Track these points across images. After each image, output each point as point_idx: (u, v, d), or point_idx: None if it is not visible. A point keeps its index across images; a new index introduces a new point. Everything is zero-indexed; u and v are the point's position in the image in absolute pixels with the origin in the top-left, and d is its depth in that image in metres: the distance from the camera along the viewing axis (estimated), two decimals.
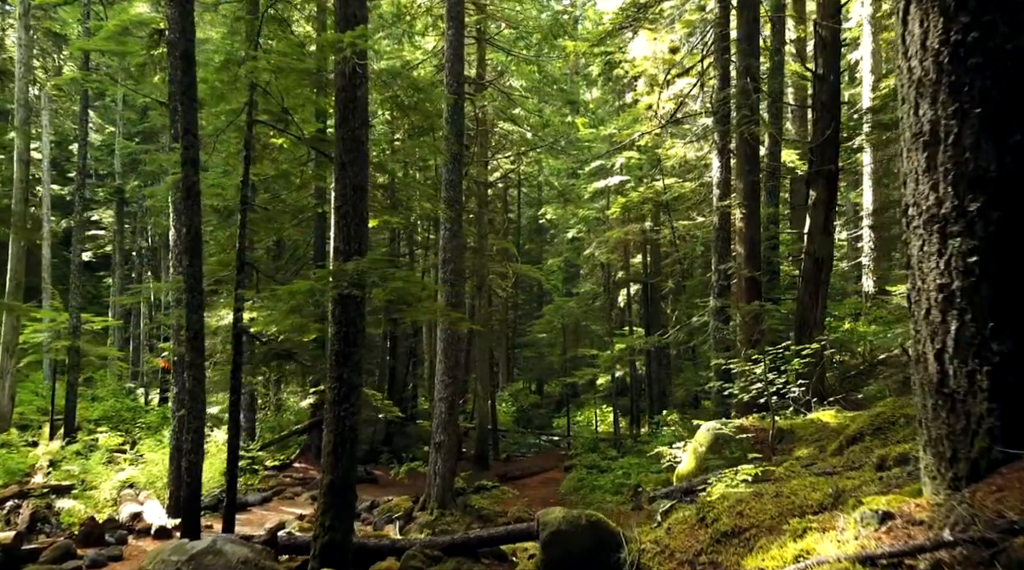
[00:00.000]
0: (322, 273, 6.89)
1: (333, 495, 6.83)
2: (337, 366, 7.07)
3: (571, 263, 33.18)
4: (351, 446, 7.00)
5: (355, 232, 7.18)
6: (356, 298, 6.86)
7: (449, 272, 14.28)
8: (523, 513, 14.77)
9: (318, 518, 6.82)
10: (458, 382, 14.70)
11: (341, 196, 7.21)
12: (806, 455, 7.46)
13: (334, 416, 7.01)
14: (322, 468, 7.01)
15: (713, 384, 10.78)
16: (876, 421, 5.83)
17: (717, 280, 12.99)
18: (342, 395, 7.04)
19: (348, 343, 7.09)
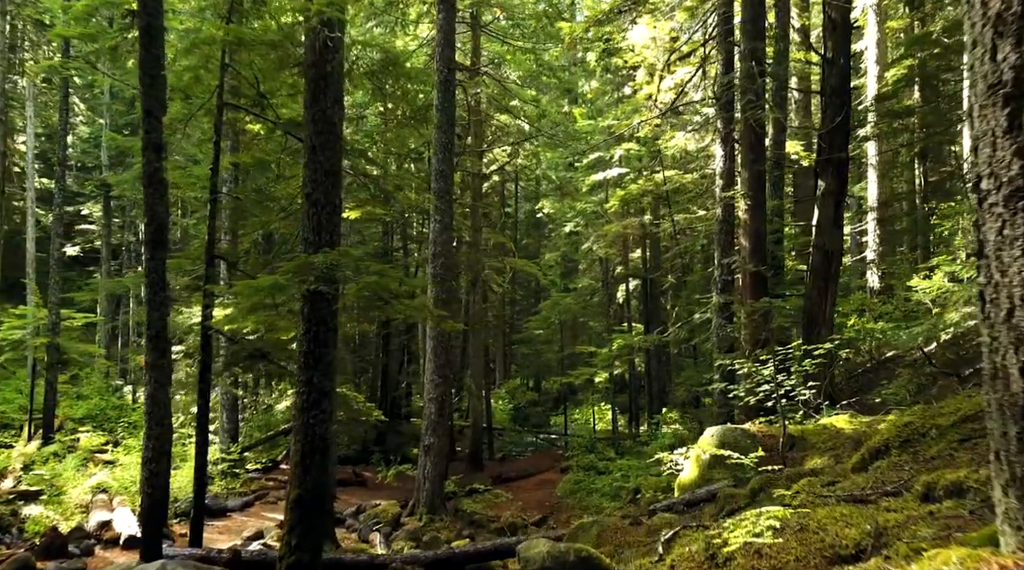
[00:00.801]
0: (287, 267, 6.26)
1: (301, 511, 6.20)
2: (306, 368, 6.44)
3: (569, 258, 32.52)
4: (322, 457, 6.37)
5: (326, 221, 6.54)
6: (326, 294, 6.22)
7: (439, 266, 13.64)
8: (517, 519, 14.15)
9: (284, 536, 6.20)
10: (449, 381, 14.07)
11: (311, 182, 6.56)
12: (821, 466, 6.83)
13: (303, 424, 6.37)
14: (289, 481, 6.38)
15: (716, 385, 10.17)
16: (904, 432, 5.20)
17: (720, 275, 12.36)
18: (312, 401, 6.40)
19: (318, 343, 6.45)
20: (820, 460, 7.02)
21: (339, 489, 16.56)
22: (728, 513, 6.43)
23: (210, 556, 7.69)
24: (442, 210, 13.71)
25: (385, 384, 25.19)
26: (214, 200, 8.53)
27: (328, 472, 6.46)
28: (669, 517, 6.93)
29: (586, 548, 5.24)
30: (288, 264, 6.21)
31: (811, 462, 7.12)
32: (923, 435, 5.08)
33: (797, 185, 22.56)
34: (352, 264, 6.34)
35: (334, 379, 6.61)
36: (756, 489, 6.45)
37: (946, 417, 5.07)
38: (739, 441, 7.91)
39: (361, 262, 6.42)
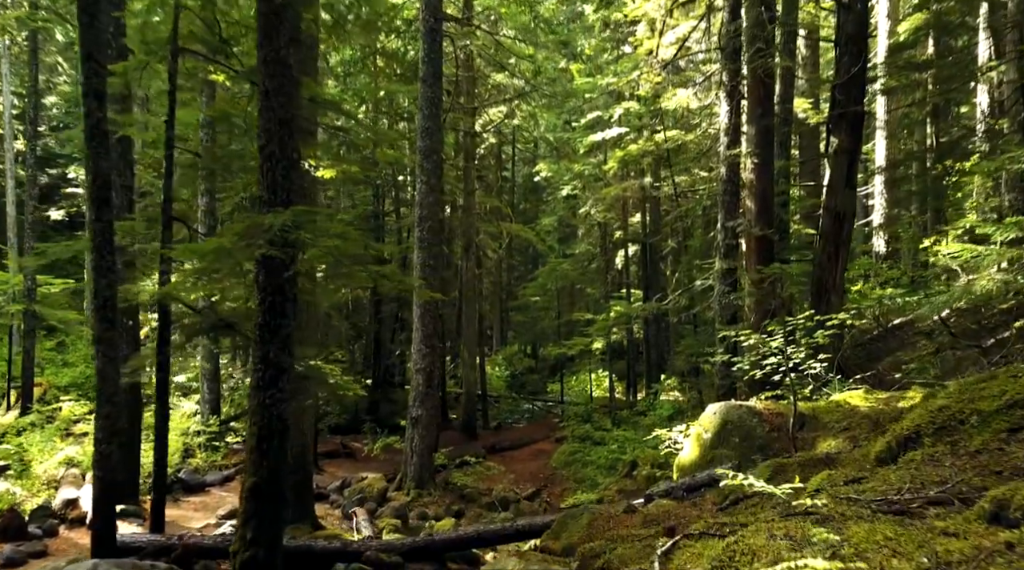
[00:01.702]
0: (233, 229, 5.51)
1: (257, 501, 5.55)
2: (262, 343, 5.73)
3: (566, 223, 31.68)
4: (280, 441, 5.70)
5: (282, 178, 5.77)
6: (282, 260, 5.49)
7: (426, 230, 12.88)
8: (509, 492, 13.65)
9: (238, 529, 5.57)
10: (436, 351, 13.43)
11: (265, 132, 5.78)
12: (836, 449, 6.17)
13: (259, 404, 5.69)
14: (244, 467, 5.73)
15: (718, 356, 9.51)
16: (938, 418, 4.51)
17: (724, 239, 11.60)
18: (268, 378, 5.71)
19: (275, 314, 5.74)
20: (834, 442, 6.36)
21: (326, 461, 16.05)
22: (733, 502, 5.80)
23: (169, 543, 7.09)
24: (428, 170, 12.91)
25: (378, 352, 24.60)
26: (169, 157, 7.74)
27: (286, 458, 5.80)
28: (667, 504, 6.30)
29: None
30: (234, 225, 5.47)
31: (824, 443, 6.46)
32: (961, 422, 4.39)
33: (803, 145, 21.66)
34: (311, 225, 5.60)
35: (294, 353, 5.91)
36: (765, 477, 5.79)
37: (988, 401, 4.38)
38: (744, 420, 7.26)
39: (322, 223, 5.66)
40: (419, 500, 12.65)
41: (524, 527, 6.99)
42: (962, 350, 9.26)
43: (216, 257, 5.39)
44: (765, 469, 5.87)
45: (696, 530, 4.40)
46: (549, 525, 6.76)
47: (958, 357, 9.49)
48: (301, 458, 10.10)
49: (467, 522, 12.35)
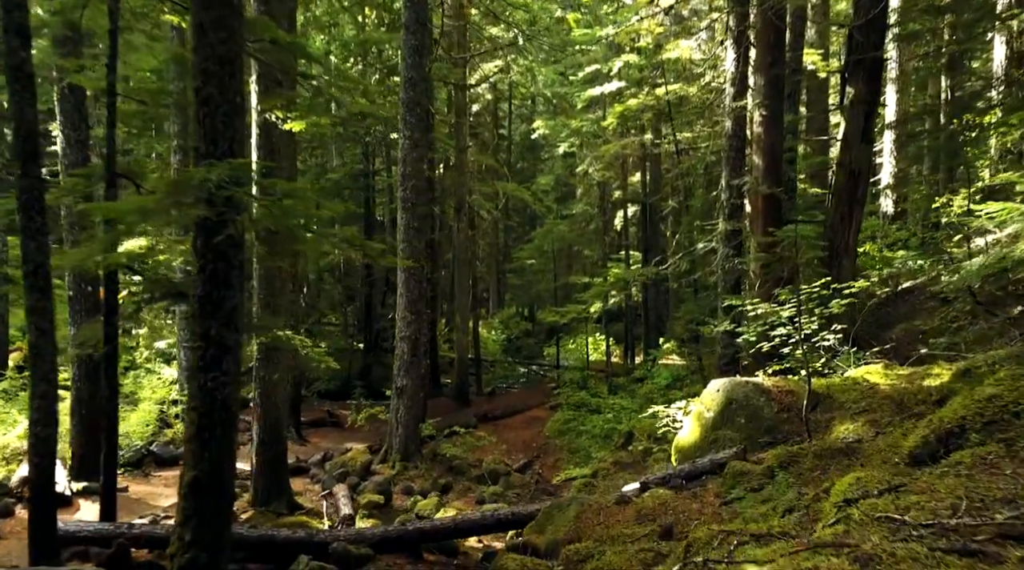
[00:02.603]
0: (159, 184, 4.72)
1: (197, 498, 4.88)
2: (202, 317, 4.99)
3: (564, 182, 30.72)
4: (224, 430, 5.01)
5: (223, 126, 4.97)
6: (224, 222, 4.71)
7: (410, 190, 12.05)
8: (499, 464, 13.08)
9: (175, 529, 4.91)
10: (422, 318, 12.72)
11: (202, 73, 4.95)
12: (855, 435, 5.49)
13: (199, 388, 4.98)
14: (184, 460, 5.05)
15: (721, 326, 8.80)
16: (987, 409, 3.81)
17: (728, 198, 10.80)
18: (210, 358, 4.99)
19: (216, 284, 4.99)
20: (852, 426, 5.68)
21: (311, 431, 15.49)
22: (738, 496, 5.13)
23: (118, 531, 6.47)
24: (412, 124, 12.02)
25: (369, 315, 23.94)
26: (111, 105, 6.90)
27: (232, 448, 5.11)
28: (664, 495, 5.64)
29: None
30: (160, 180, 4.68)
31: (841, 427, 5.78)
32: (1017, 415, 3.68)
33: (811, 100, 20.66)
34: (251, 182, 4.81)
35: (240, 330, 5.18)
36: (774, 467, 5.12)
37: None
38: (750, 398, 6.57)
39: (267, 180, 4.88)
40: (404, 473, 12.08)
41: (506, 517, 6.37)
42: (986, 319, 8.54)
43: (140, 218, 4.63)
44: (775, 458, 5.19)
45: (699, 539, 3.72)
46: (534, 515, 6.13)
47: (982, 326, 8.78)
48: (275, 432, 9.47)
49: (454, 496, 11.80)
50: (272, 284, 9.24)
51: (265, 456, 9.32)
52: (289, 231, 4.99)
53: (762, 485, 5.04)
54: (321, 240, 5.16)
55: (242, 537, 6.52)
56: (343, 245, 5.36)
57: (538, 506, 6.34)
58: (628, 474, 11.60)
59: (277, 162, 9.29)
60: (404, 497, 11.41)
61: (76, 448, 9.95)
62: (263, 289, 9.25)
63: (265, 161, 9.20)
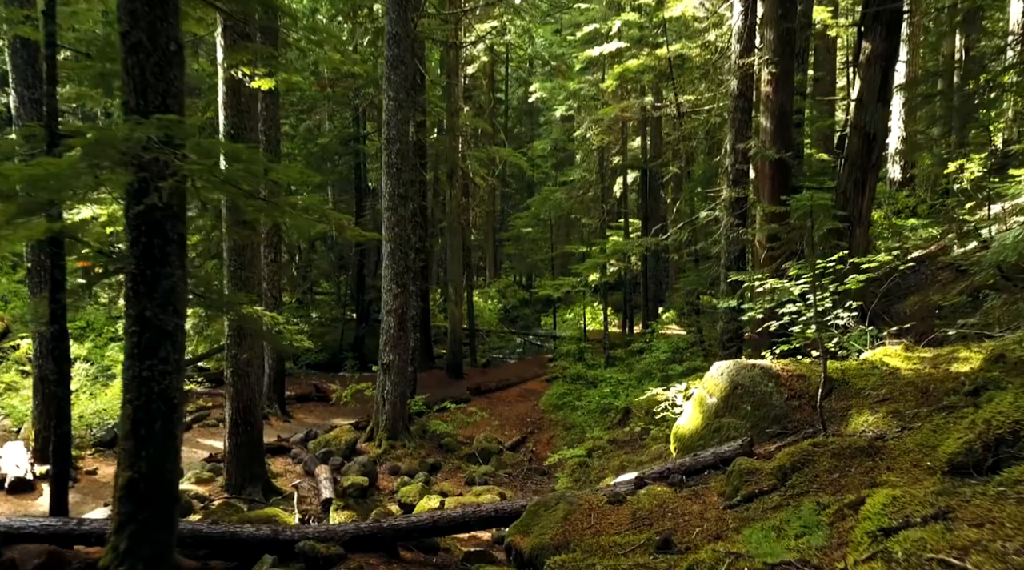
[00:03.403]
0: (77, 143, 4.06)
1: (135, 503, 4.31)
2: (135, 298, 4.37)
3: (561, 148, 29.84)
4: (166, 424, 4.42)
5: (154, 78, 4.28)
6: (158, 191, 4.06)
7: (394, 154, 11.34)
8: (491, 442, 12.58)
9: (110, 537, 4.35)
10: (409, 290, 12.10)
11: (128, 15, 4.25)
12: (876, 428, 4.91)
13: (133, 377, 4.38)
14: (118, 459, 4.46)
15: (724, 302, 8.18)
16: None
17: (733, 163, 10.10)
18: (146, 345, 4.38)
19: (151, 261, 4.36)
20: (872, 418, 5.09)
21: (296, 406, 14.97)
22: (745, 498, 4.57)
23: (65, 529, 5.92)
24: (397, 84, 11.26)
25: (361, 285, 23.31)
26: (50, 58, 6.18)
27: (175, 446, 4.53)
28: (662, 493, 5.08)
29: None
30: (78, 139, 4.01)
31: (859, 418, 5.20)
32: None
33: (818, 60, 19.79)
34: (194, 143, 4.15)
35: (182, 312, 4.56)
36: (785, 467, 4.54)
37: None
38: (757, 383, 5.98)
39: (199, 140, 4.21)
40: (391, 452, 11.58)
41: (489, 513, 5.82)
42: (1011, 293, 7.93)
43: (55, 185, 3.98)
44: (787, 456, 4.61)
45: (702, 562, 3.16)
46: (519, 512, 5.58)
47: (1005, 301, 8.17)
48: (249, 414, 8.91)
49: (443, 476, 11.32)
50: (242, 256, 8.60)
51: (238, 439, 8.78)
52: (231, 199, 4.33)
53: (772, 488, 4.47)
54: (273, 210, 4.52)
55: (203, 534, 6.00)
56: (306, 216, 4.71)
57: (524, 502, 5.78)
58: (625, 453, 11.10)
59: (247, 123, 8.57)
60: (391, 478, 10.92)
61: (40, 429, 9.39)
62: (233, 261, 8.61)
63: (233, 122, 8.51)
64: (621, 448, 11.44)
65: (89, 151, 3.90)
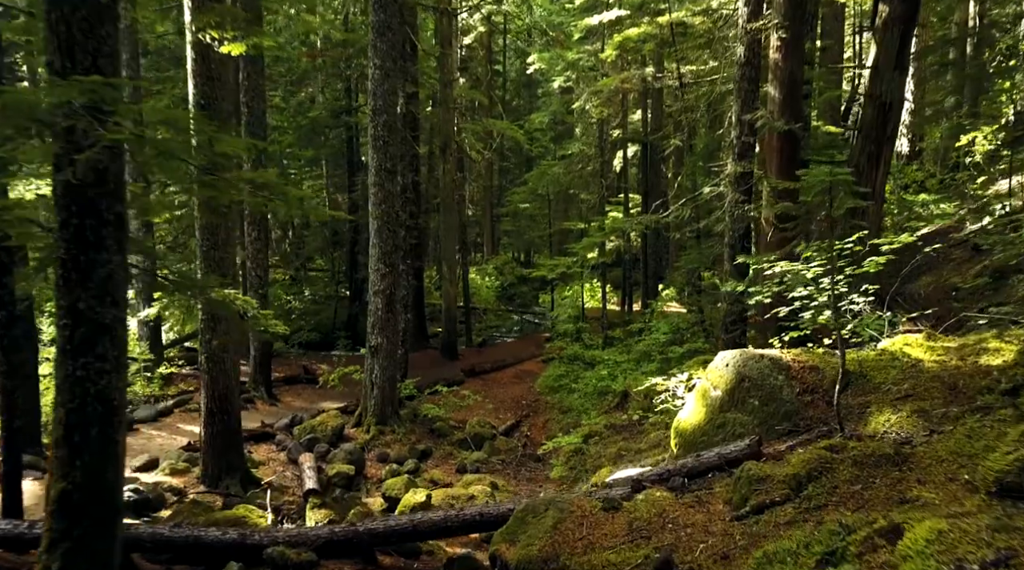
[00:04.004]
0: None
1: (69, 517, 3.84)
2: (67, 287, 3.86)
3: (560, 121, 29.09)
4: (104, 428, 3.93)
5: (82, 34, 3.72)
6: (71, 163, 3.53)
7: (380, 126, 10.75)
8: (484, 427, 12.15)
9: (41, 556, 3.88)
10: (398, 271, 11.58)
11: None
12: (900, 429, 4.42)
13: (66, 377, 3.88)
14: (50, 468, 3.98)
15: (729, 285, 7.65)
16: None
17: (739, 136, 9.52)
18: (80, 341, 3.87)
19: (84, 245, 3.83)
20: (894, 417, 4.61)
21: (284, 388, 14.53)
22: (755, 509, 4.09)
23: (15, 533, 5.48)
24: (383, 52, 10.63)
25: (354, 262, 22.76)
26: None
27: (116, 451, 4.04)
28: (662, 499, 4.62)
29: None
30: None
31: (880, 417, 4.71)
32: None
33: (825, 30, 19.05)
34: (123, 108, 3.60)
35: (122, 302, 4.04)
36: (800, 475, 4.06)
37: None
38: (766, 376, 5.49)
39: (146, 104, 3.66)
40: (380, 438, 11.16)
41: (473, 517, 5.36)
42: None
43: None
44: (802, 463, 4.12)
45: None
46: (505, 516, 5.12)
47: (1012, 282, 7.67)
48: (225, 402, 8.44)
49: (433, 463, 10.91)
50: (215, 235, 8.07)
51: (214, 428, 8.32)
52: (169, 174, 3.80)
53: (786, 499, 3.99)
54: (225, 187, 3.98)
55: (165, 538, 5.56)
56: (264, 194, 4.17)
57: (511, 505, 5.33)
58: (622, 439, 10.66)
59: (218, 92, 7.98)
60: (379, 465, 10.51)
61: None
62: (205, 241, 8.08)
63: (203, 91, 7.93)
64: (619, 434, 11.00)
65: (5, 114, 3.36)
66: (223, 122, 8.21)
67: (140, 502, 7.18)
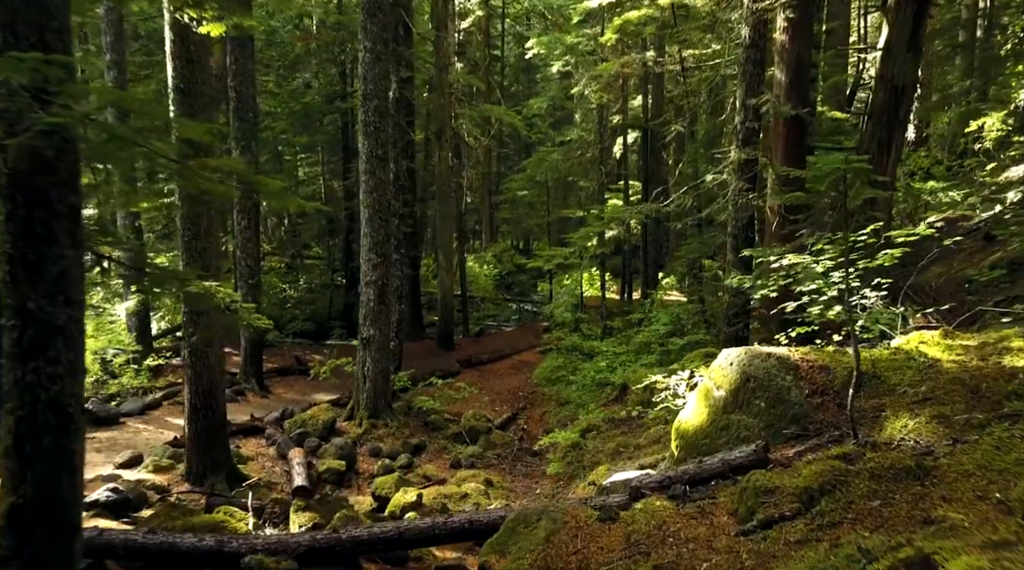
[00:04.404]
0: None
1: (20, 535, 3.53)
2: (13, 285, 3.54)
3: (559, 107, 28.62)
4: (59, 439, 3.62)
5: (26, 5, 3.39)
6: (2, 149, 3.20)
7: (372, 111, 10.39)
8: (479, 420, 11.87)
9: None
10: (390, 261, 11.25)
11: None
12: (919, 438, 4.11)
13: (16, 382, 3.56)
14: (3, 481, 3.68)
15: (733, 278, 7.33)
16: None
17: (744, 121, 9.16)
18: (31, 342, 3.56)
19: (31, 240, 3.51)
20: (912, 423, 4.30)
21: (276, 380, 14.24)
22: (763, 523, 3.79)
23: None
24: (374, 34, 10.25)
25: (349, 250, 22.41)
26: None
27: (75, 462, 3.74)
28: (662, 509, 4.32)
29: None
30: None
31: (896, 423, 4.41)
32: None
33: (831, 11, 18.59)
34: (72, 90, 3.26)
35: (78, 300, 3.72)
36: (814, 488, 3.76)
37: None
38: (772, 376, 5.18)
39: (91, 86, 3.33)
40: (373, 432, 10.88)
41: (462, 525, 5.07)
42: None
43: None
44: (813, 475, 3.82)
45: None
46: (496, 524, 4.83)
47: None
48: (210, 398, 8.15)
49: (427, 458, 10.64)
50: (197, 225, 7.74)
51: (199, 425, 8.03)
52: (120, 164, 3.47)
53: (796, 513, 3.69)
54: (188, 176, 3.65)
55: (138, 545, 5.29)
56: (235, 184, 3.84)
57: (502, 511, 5.04)
58: (621, 434, 10.37)
59: (198, 75, 7.62)
60: (371, 460, 10.23)
61: None
62: (187, 231, 7.75)
63: (182, 74, 7.57)
64: (617, 428, 10.72)
65: None
66: (204, 107, 7.86)
67: (119, 502, 6.89)
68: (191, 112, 7.64)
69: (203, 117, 7.97)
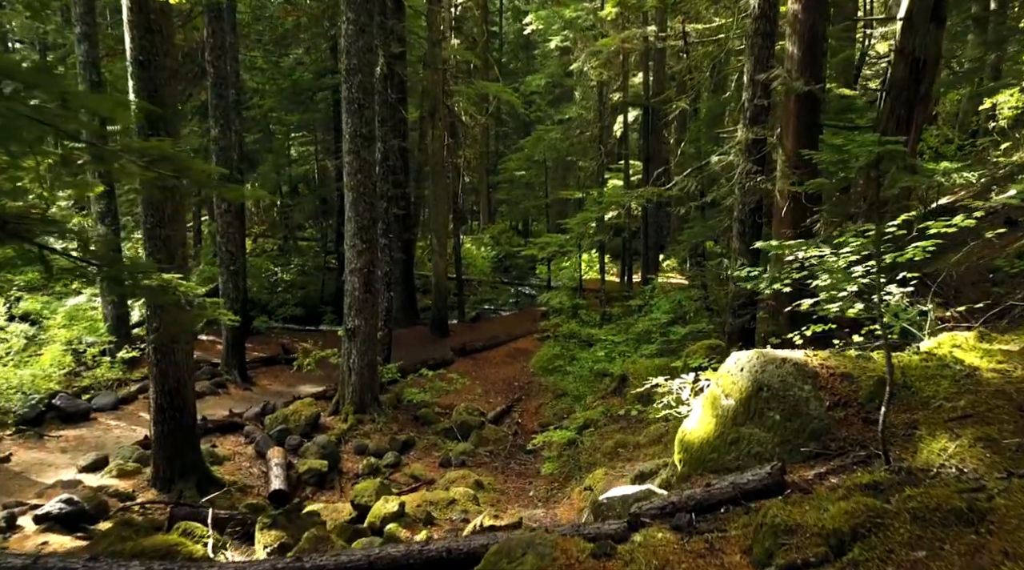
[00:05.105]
0: None
1: None
2: None
3: (558, 84, 27.81)
4: None
5: None
6: None
7: (355, 87, 9.73)
8: (473, 413, 11.35)
9: None
10: (376, 247, 10.64)
11: None
12: (959, 462, 3.54)
13: None
14: None
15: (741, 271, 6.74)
16: None
17: (752, 98, 8.52)
18: None
19: None
20: (952, 445, 3.73)
21: (260, 370, 13.70)
22: (787, 566, 3.23)
23: None
24: (357, 5, 9.56)
25: (341, 233, 21.77)
26: None
27: None
28: (664, 543, 3.77)
29: None
30: None
31: (934, 445, 3.83)
32: None
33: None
34: None
35: None
36: (844, 531, 3.19)
37: None
38: (788, 384, 4.61)
39: None
40: (359, 428, 10.36)
41: (439, 554, 4.52)
42: None
43: None
44: (844, 515, 3.25)
45: None
46: (476, 554, 4.30)
47: None
48: (177, 397, 7.61)
49: (416, 455, 10.12)
50: (160, 211, 7.14)
51: (165, 427, 7.49)
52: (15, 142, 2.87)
53: (823, 560, 3.14)
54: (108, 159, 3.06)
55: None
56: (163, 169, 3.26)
57: (484, 539, 4.49)
58: (620, 431, 9.83)
59: (159, 47, 6.97)
60: (356, 458, 9.72)
61: None
62: (149, 218, 7.16)
63: (141, 45, 6.92)
64: (616, 423, 10.20)
65: None
66: (167, 81, 7.22)
67: (74, 514, 6.37)
68: (152, 87, 7.01)
69: (168, 93, 7.34)
